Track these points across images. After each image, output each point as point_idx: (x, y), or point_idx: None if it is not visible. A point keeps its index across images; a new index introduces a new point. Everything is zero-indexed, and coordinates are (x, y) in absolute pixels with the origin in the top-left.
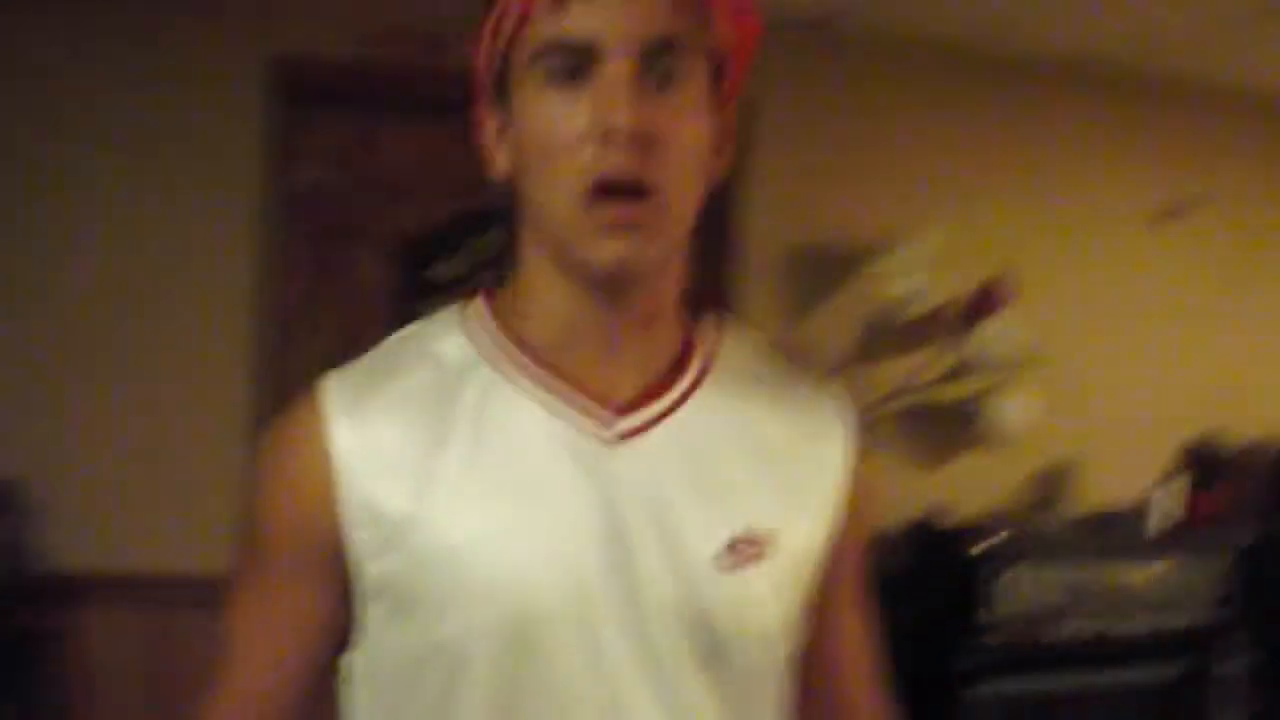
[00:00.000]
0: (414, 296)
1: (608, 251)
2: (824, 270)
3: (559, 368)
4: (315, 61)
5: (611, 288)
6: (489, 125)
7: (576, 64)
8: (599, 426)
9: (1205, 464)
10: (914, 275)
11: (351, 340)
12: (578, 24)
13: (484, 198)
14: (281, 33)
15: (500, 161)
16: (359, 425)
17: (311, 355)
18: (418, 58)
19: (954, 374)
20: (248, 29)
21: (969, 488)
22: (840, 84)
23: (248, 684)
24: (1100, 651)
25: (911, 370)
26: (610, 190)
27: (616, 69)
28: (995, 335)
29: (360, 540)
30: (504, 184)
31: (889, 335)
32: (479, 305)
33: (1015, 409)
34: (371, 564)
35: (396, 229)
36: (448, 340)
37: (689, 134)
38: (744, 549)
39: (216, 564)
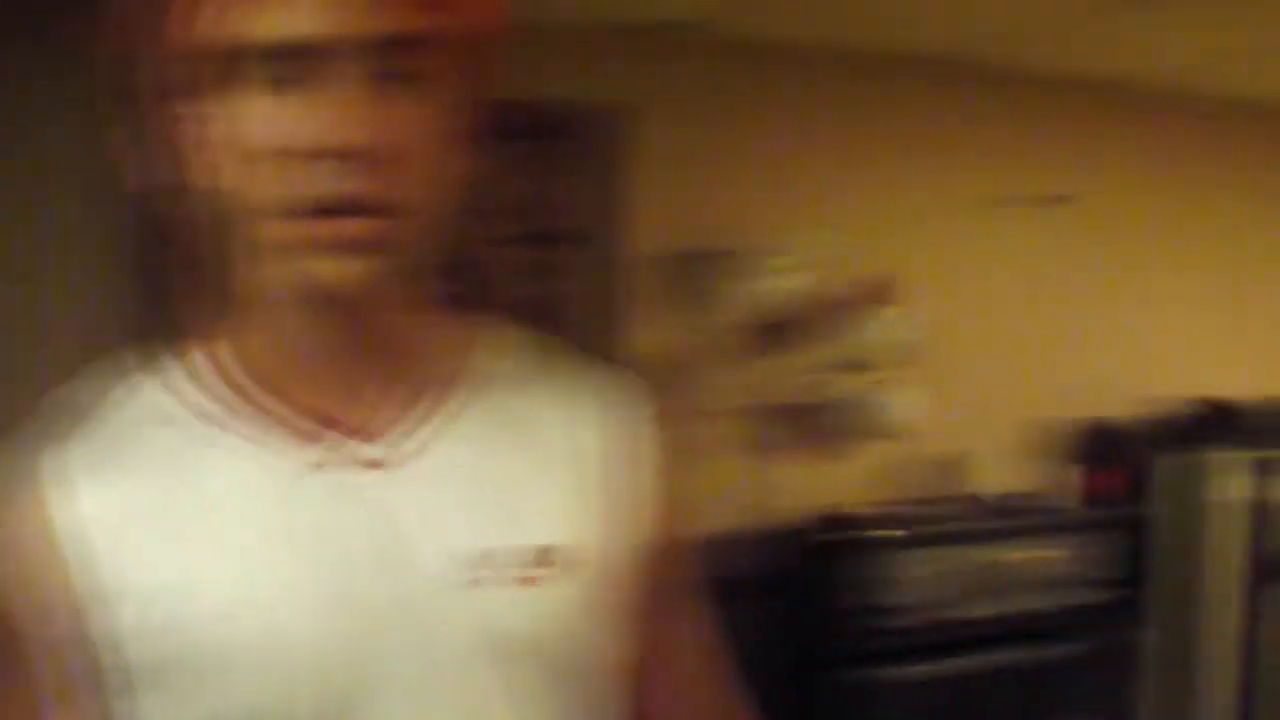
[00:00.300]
0: None
1: (329, 272)
2: (707, 272)
3: (292, 401)
4: None
5: (338, 308)
6: (187, 131)
7: (293, 66)
8: (344, 458)
9: (1097, 445)
10: (797, 274)
11: None
12: (292, 21)
13: None
14: None
15: (201, 174)
16: (78, 505)
17: None
18: None
19: (841, 369)
20: None
21: (866, 480)
22: (716, 86)
23: None
24: (1000, 631)
25: (799, 368)
26: (325, 206)
27: (338, 73)
28: (879, 330)
29: (104, 630)
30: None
31: (775, 334)
32: (192, 354)
33: (904, 401)
34: (120, 652)
35: None
36: (167, 392)
37: (424, 141)
38: (506, 564)
39: None
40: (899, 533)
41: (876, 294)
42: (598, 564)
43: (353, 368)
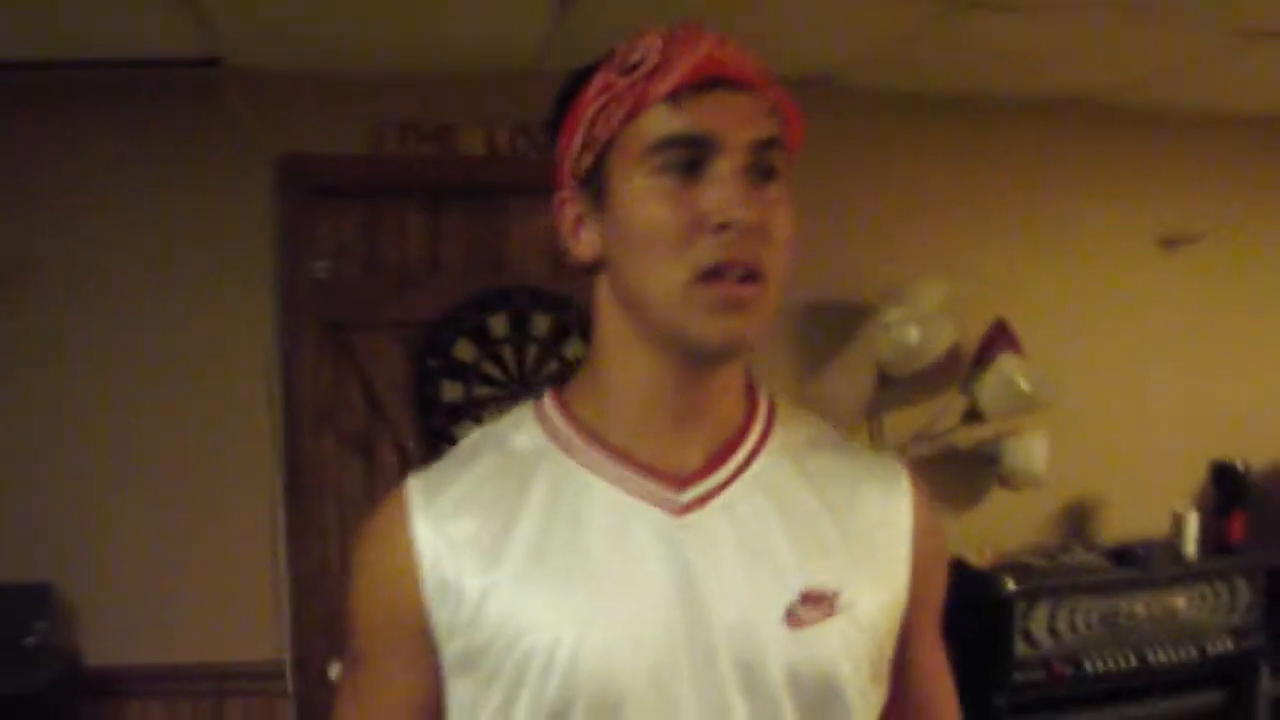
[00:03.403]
0: (433, 378)
1: (720, 329)
2: (835, 325)
3: (630, 447)
4: (321, 158)
5: (711, 364)
6: (569, 211)
7: (691, 158)
8: (667, 500)
9: (1226, 490)
10: (921, 324)
11: (372, 425)
12: (697, 121)
13: (491, 281)
14: (291, 129)
15: (583, 247)
16: (437, 514)
17: (335, 443)
18: (424, 149)
19: (968, 419)
20: (258, 128)
21: (996, 529)
22: (839, 140)
23: None
24: (1137, 683)
25: (928, 418)
26: (722, 274)
27: (731, 164)
28: (1005, 377)
29: (441, 621)
30: (583, 269)
31: (901, 385)
32: (549, 398)
33: (1031, 449)
34: (452, 643)
35: (410, 315)
36: (520, 432)
37: (785, 224)
38: (812, 607)
39: (248, 653)
40: (1029, 582)
41: (1003, 341)
42: (881, 614)
43: (694, 419)
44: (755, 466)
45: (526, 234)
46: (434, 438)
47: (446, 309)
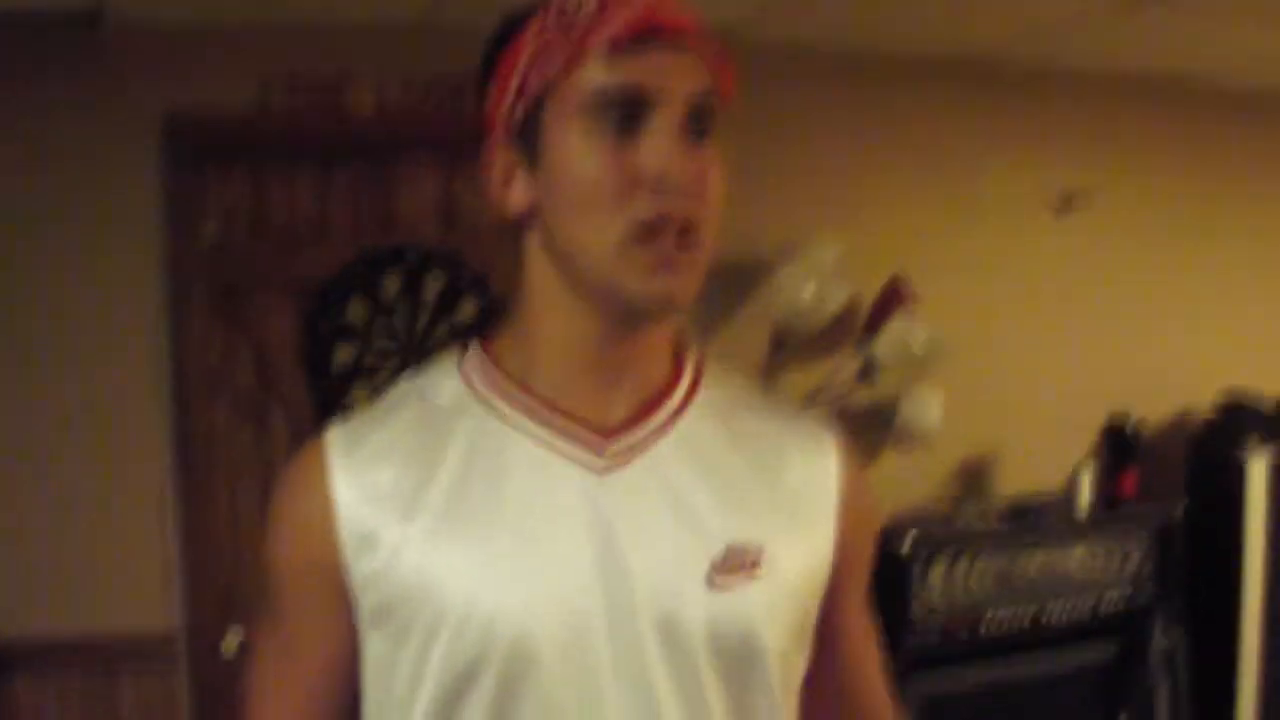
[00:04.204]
0: (324, 342)
1: (657, 287)
2: (729, 283)
3: (555, 401)
4: (208, 116)
5: (645, 321)
6: (499, 162)
7: (629, 113)
8: (590, 455)
9: (1120, 447)
10: (816, 282)
11: (264, 391)
12: (634, 75)
13: (385, 240)
14: (176, 87)
15: (513, 199)
16: (355, 465)
17: (227, 410)
18: (314, 104)
19: (864, 377)
20: (140, 86)
21: (891, 487)
22: (736, 96)
23: None
24: (1033, 638)
25: (822, 377)
26: (658, 231)
27: (669, 119)
28: (900, 336)
29: (358, 573)
30: (512, 221)
31: (795, 345)
32: (475, 349)
33: (927, 407)
34: (367, 595)
35: (300, 277)
36: (443, 384)
37: (718, 182)
38: (735, 565)
39: (142, 623)
40: (924, 540)
41: (897, 299)
42: (805, 576)
43: (621, 374)
44: (680, 424)
45: (418, 193)
46: (326, 401)
47: (337, 269)
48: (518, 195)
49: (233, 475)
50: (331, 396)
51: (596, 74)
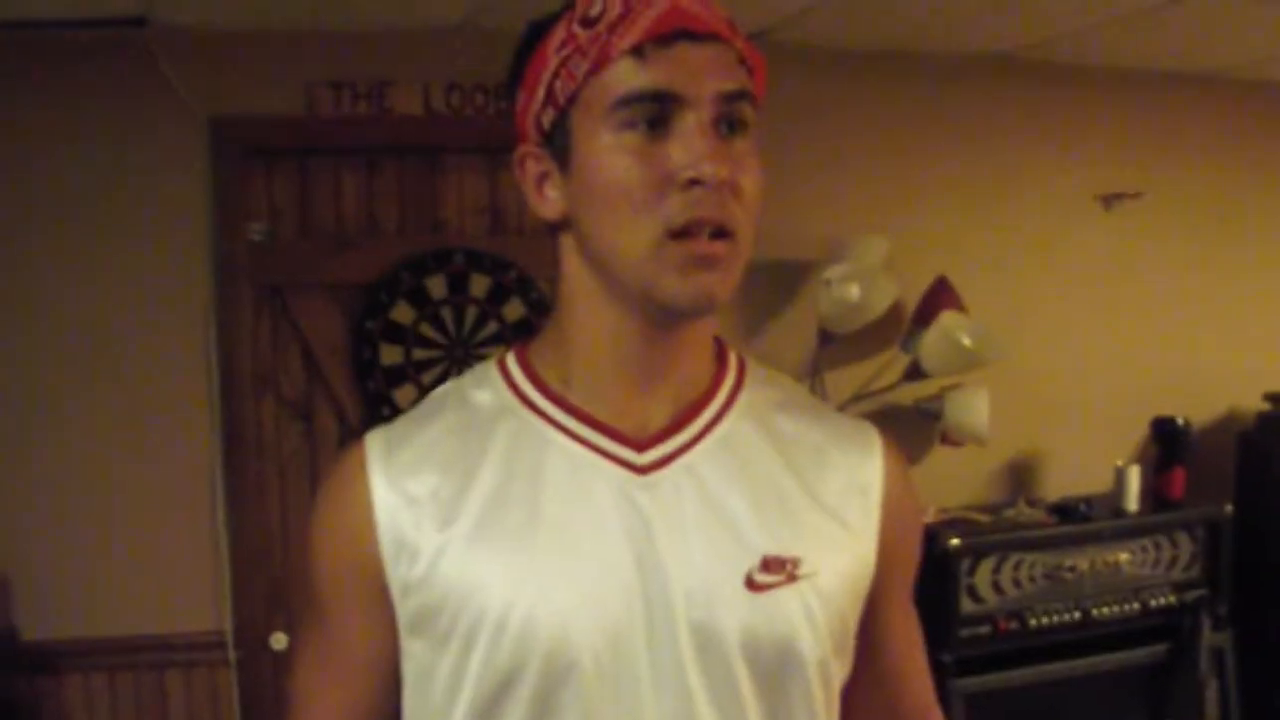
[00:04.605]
0: (371, 343)
1: (691, 286)
2: (775, 283)
3: (594, 405)
4: (255, 119)
5: (680, 322)
6: (531, 168)
7: (658, 114)
8: (628, 460)
9: (1167, 446)
10: (862, 281)
11: (311, 391)
12: (662, 76)
13: (428, 241)
14: (223, 90)
15: (548, 205)
16: (394, 472)
17: (274, 409)
18: (358, 109)
19: (910, 376)
20: (188, 89)
21: (938, 486)
22: (776, 97)
23: None
24: (1081, 638)
25: (869, 376)
26: (693, 232)
27: (699, 118)
28: (946, 334)
29: (397, 579)
30: (548, 227)
31: (843, 343)
32: (513, 354)
33: (973, 406)
34: (407, 601)
35: (347, 278)
36: (482, 389)
37: (754, 178)
38: (774, 570)
39: (192, 622)
40: (971, 539)
41: (943, 298)
42: (845, 583)
43: (659, 378)
44: (720, 429)
45: (463, 193)
46: (373, 401)
47: (383, 271)
48: (552, 200)
49: (281, 475)
50: (378, 396)
51: (623, 77)
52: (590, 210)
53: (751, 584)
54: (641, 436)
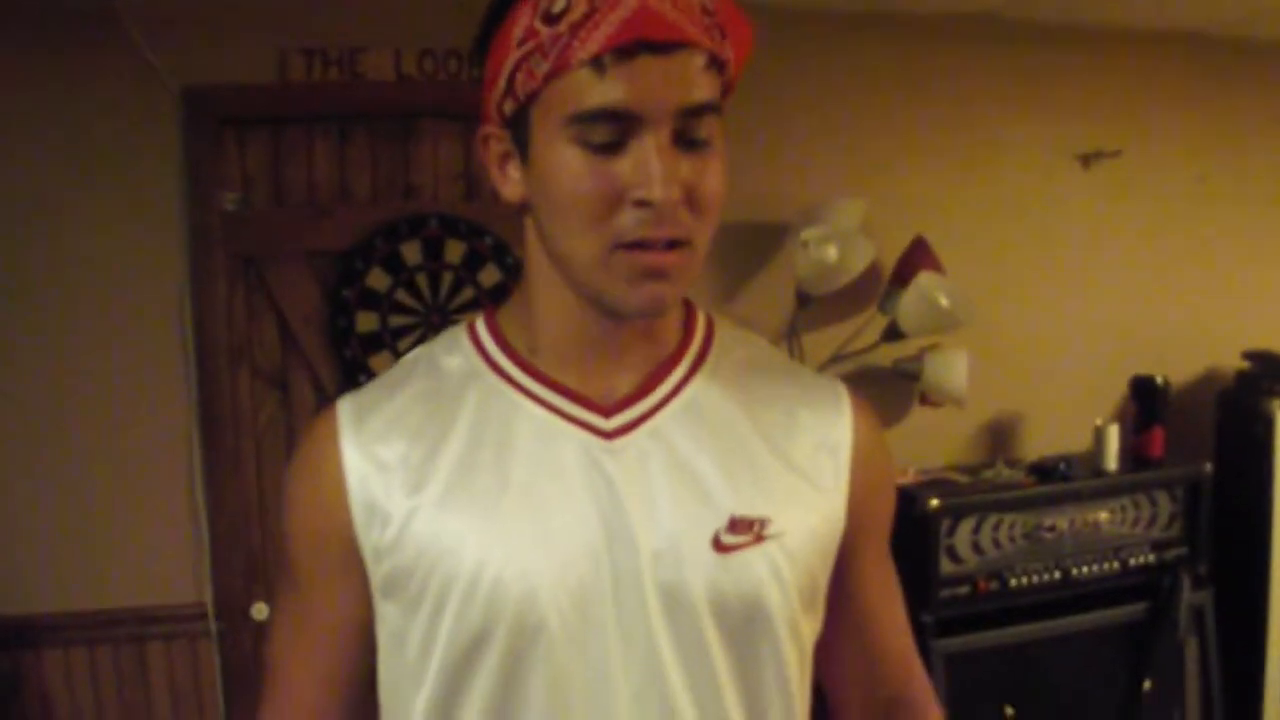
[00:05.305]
0: (347, 310)
1: (639, 297)
2: (753, 245)
3: (560, 372)
4: (227, 88)
5: (635, 320)
6: (494, 148)
7: (614, 131)
8: (598, 421)
9: (1146, 405)
10: (840, 243)
11: (287, 360)
12: (622, 93)
13: (402, 207)
14: (194, 58)
15: (509, 188)
16: (365, 437)
17: (250, 379)
18: (330, 75)
19: (888, 337)
20: (160, 59)
21: (917, 446)
22: (754, 59)
23: (295, 701)
24: (1060, 597)
25: (847, 337)
26: (644, 244)
27: (655, 137)
28: (924, 295)
29: (369, 544)
30: (511, 207)
31: (820, 304)
32: (482, 320)
33: (951, 366)
34: (379, 566)
35: (321, 245)
36: (452, 354)
37: (715, 185)
38: (742, 531)
39: (172, 594)
40: (951, 500)
41: (918, 259)
42: (814, 541)
43: (623, 350)
44: (687, 391)
45: (437, 159)
46: (349, 369)
47: (358, 238)
48: (513, 183)
49: (258, 444)
50: (355, 364)
51: (581, 90)
52: (544, 210)
53: (719, 544)
54: (608, 402)
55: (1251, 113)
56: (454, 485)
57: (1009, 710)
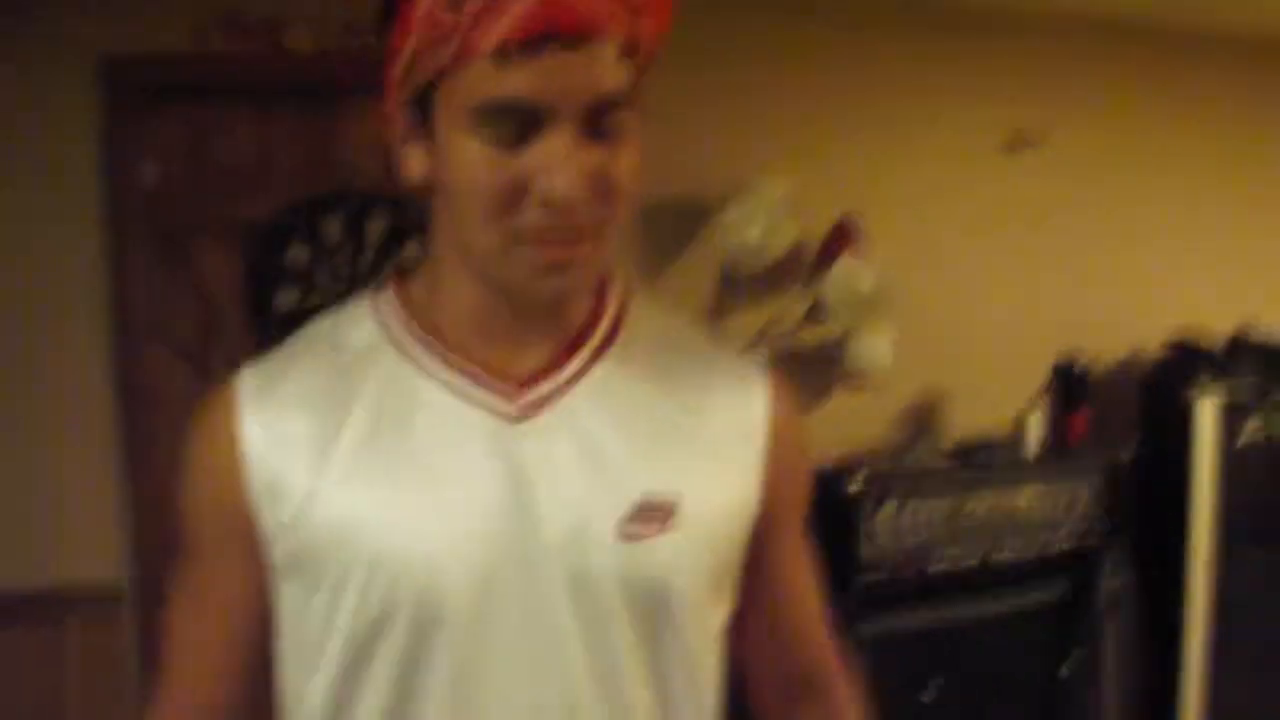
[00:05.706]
0: (266, 286)
1: (543, 287)
2: (675, 224)
3: (466, 349)
4: (146, 57)
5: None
6: (397, 126)
7: (518, 125)
8: (502, 403)
9: (1070, 387)
10: (763, 221)
11: (206, 336)
12: (523, 86)
13: (324, 183)
14: (110, 28)
15: (412, 168)
16: (265, 411)
17: (168, 356)
18: (253, 46)
19: (812, 316)
20: (75, 27)
21: (840, 428)
22: (679, 35)
23: (193, 677)
24: (982, 579)
25: (770, 316)
26: (546, 237)
27: (561, 132)
28: (848, 275)
29: (268, 520)
30: (411, 185)
31: (744, 284)
32: (388, 293)
33: (875, 347)
34: (279, 543)
35: (241, 220)
36: (356, 327)
37: (625, 172)
38: (648, 516)
39: (88, 573)
40: (873, 481)
41: (845, 239)
42: (725, 523)
43: (524, 331)
44: (598, 369)
45: (359, 134)
46: (269, 347)
47: (278, 213)
48: (416, 163)
49: (175, 422)
50: (274, 340)
51: (483, 81)
52: (447, 195)
53: (624, 527)
54: (515, 380)
55: (1176, 96)
56: (356, 466)
57: (929, 692)
